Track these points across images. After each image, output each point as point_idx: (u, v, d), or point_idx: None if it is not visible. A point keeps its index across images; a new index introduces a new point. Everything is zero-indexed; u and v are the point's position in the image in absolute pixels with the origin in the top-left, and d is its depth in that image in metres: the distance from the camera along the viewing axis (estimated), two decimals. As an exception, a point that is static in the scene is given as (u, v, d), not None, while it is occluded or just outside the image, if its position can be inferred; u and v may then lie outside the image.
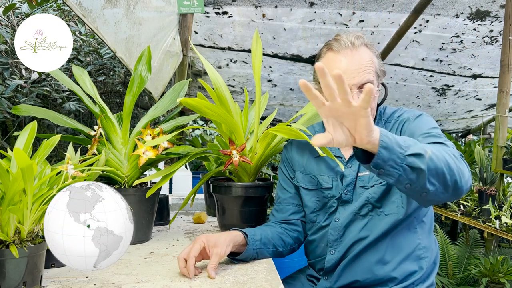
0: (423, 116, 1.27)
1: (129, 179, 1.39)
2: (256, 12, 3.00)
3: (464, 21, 3.11)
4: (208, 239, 1.12)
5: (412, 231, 1.27)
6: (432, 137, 1.15)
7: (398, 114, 1.32)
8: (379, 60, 1.29)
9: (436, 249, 1.35)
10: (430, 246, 1.30)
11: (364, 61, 1.23)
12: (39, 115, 1.31)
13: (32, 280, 0.93)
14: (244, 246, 1.20)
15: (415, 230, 1.28)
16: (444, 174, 0.95)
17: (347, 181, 1.29)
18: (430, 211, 1.34)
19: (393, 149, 0.90)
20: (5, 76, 2.16)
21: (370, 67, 1.24)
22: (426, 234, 1.30)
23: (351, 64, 1.21)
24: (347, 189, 1.29)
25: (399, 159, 0.90)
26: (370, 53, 1.26)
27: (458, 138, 6.09)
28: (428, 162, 0.92)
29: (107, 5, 1.73)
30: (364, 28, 3.19)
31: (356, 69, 1.21)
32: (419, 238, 1.28)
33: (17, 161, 0.83)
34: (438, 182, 0.95)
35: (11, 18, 2.45)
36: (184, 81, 1.58)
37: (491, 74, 3.92)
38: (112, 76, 3.15)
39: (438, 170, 0.94)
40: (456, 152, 1.05)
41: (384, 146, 0.89)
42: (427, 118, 1.27)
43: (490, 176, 2.81)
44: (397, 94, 4.38)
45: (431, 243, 1.32)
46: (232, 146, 1.36)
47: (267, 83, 3.98)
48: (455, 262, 3.26)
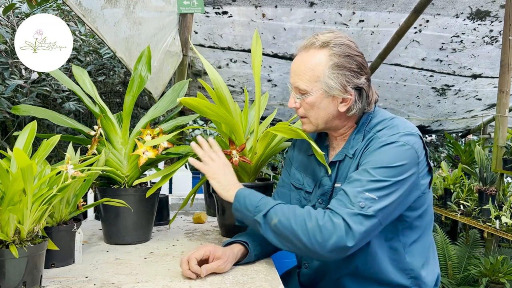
0: (390, 148, 1.11)
1: (129, 179, 1.39)
2: (256, 12, 3.00)
3: (464, 21, 3.11)
4: (215, 250, 1.12)
5: (388, 245, 1.19)
6: (366, 181, 1.07)
7: (378, 128, 1.19)
8: (338, 70, 1.15)
9: (428, 267, 1.24)
10: (412, 263, 1.20)
11: (303, 66, 1.17)
12: (39, 115, 1.31)
13: (32, 280, 0.92)
14: (245, 255, 1.21)
15: (391, 245, 1.19)
16: (289, 240, 1.09)
17: (323, 190, 1.26)
18: (415, 228, 1.22)
19: (242, 212, 1.16)
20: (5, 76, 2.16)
21: (305, 74, 1.17)
22: (407, 250, 1.20)
23: (294, 65, 1.21)
24: (322, 198, 1.25)
25: (249, 219, 1.15)
26: (321, 60, 1.15)
27: (458, 138, 6.09)
28: (272, 228, 1.11)
29: (107, 5, 1.72)
30: (364, 28, 3.19)
31: (294, 70, 1.20)
32: (397, 251, 1.20)
33: (17, 161, 0.83)
34: (284, 244, 1.11)
35: (11, 18, 2.45)
36: (184, 81, 1.58)
37: (491, 74, 3.92)
38: (112, 76, 3.15)
39: (282, 236, 1.10)
40: (337, 215, 1.05)
41: (235, 209, 1.18)
42: (393, 151, 1.11)
43: (490, 176, 2.81)
44: (397, 94, 4.38)
45: (415, 260, 1.21)
46: (232, 146, 1.36)
47: (267, 83, 3.98)
48: (455, 262, 3.26)
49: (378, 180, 1.07)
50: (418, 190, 1.15)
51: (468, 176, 3.69)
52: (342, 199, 1.09)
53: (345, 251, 1.05)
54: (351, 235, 1.04)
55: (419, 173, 1.13)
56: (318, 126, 1.23)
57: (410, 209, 1.18)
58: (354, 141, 1.22)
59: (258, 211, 1.13)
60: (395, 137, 1.12)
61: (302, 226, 1.06)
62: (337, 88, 1.16)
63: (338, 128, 1.25)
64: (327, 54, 1.16)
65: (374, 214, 1.05)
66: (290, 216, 1.09)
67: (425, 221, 1.24)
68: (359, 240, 1.05)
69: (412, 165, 1.11)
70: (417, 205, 1.19)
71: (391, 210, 1.09)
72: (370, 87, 1.22)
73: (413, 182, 1.11)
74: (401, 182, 1.09)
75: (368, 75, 1.20)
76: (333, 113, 1.20)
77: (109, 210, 1.33)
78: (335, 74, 1.15)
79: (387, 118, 1.22)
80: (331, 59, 1.15)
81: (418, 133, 1.16)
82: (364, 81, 1.18)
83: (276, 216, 1.10)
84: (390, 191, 1.07)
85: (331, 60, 1.15)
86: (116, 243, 1.35)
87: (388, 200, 1.07)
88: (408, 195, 1.12)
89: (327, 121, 1.21)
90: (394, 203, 1.08)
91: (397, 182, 1.08)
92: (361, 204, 1.05)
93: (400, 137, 1.12)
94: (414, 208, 1.19)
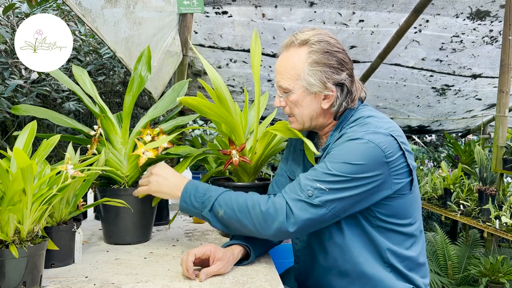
0: (352, 144, 1.11)
1: (129, 179, 1.39)
2: (256, 12, 3.00)
3: (464, 21, 3.11)
4: (216, 251, 1.12)
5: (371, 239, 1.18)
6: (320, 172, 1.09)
7: (354, 124, 1.19)
8: (317, 66, 1.16)
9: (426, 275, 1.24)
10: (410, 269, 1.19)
11: (285, 65, 1.20)
12: (38, 115, 1.31)
13: (32, 280, 0.93)
14: (245, 256, 1.21)
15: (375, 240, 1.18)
16: (237, 228, 1.16)
17: None
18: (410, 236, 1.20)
19: (190, 211, 1.20)
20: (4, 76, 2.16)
21: (287, 73, 1.19)
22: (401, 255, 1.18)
23: (277, 64, 1.23)
24: None
25: (198, 216, 1.20)
26: (300, 57, 1.17)
27: (458, 138, 6.09)
28: (220, 220, 1.16)
29: (107, 5, 1.72)
30: (364, 28, 3.19)
31: (277, 69, 1.23)
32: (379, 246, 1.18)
33: (17, 161, 0.83)
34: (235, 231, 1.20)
35: (11, 18, 2.45)
36: (184, 81, 1.58)
37: (491, 74, 3.92)
38: (112, 76, 3.15)
39: (231, 225, 1.16)
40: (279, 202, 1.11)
41: (182, 210, 1.21)
42: (354, 147, 1.10)
43: (490, 176, 2.81)
44: (397, 94, 4.38)
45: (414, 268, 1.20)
46: (232, 146, 1.36)
47: (267, 83, 3.98)
48: (455, 262, 3.26)
49: (333, 174, 1.09)
50: (388, 190, 1.12)
51: (468, 176, 3.69)
52: (295, 185, 1.13)
53: (288, 235, 1.11)
54: (293, 221, 1.08)
55: (390, 173, 1.11)
56: (305, 124, 1.24)
57: (397, 217, 1.17)
58: (331, 138, 1.23)
59: (203, 207, 1.18)
60: (361, 134, 1.11)
61: (245, 214, 1.12)
62: (317, 85, 1.17)
63: (324, 126, 1.27)
64: (306, 51, 1.17)
65: (321, 204, 1.07)
66: (233, 205, 1.14)
67: (416, 226, 1.23)
68: (301, 227, 1.09)
69: (375, 165, 1.08)
70: (404, 212, 1.18)
71: (347, 204, 1.10)
72: (353, 82, 1.22)
73: (378, 181, 1.10)
74: (359, 180, 1.08)
75: (350, 70, 1.21)
76: (317, 110, 1.22)
77: (109, 210, 1.33)
78: (313, 70, 1.16)
79: (363, 116, 1.20)
80: (310, 57, 1.16)
81: (391, 133, 1.12)
82: (345, 77, 1.19)
83: (221, 208, 1.15)
84: (344, 185, 1.08)
85: (310, 57, 1.16)
86: (116, 243, 1.35)
87: (341, 194, 1.08)
88: (373, 193, 1.11)
89: (312, 118, 1.23)
90: (349, 198, 1.09)
91: (354, 179, 1.08)
92: (309, 192, 1.09)
93: (366, 135, 1.10)
94: (403, 216, 1.18)
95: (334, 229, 1.18)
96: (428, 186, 3.63)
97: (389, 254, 1.17)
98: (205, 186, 1.21)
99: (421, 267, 1.23)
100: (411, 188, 1.17)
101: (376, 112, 1.24)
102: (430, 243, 3.48)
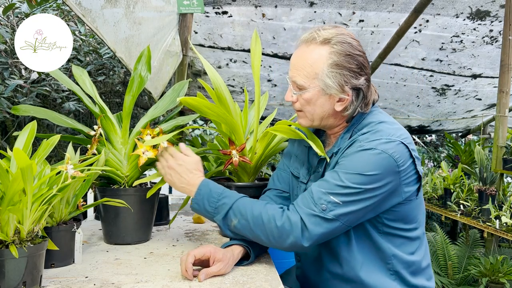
0: (366, 154, 1.08)
1: (129, 179, 1.39)
2: (256, 12, 3.00)
3: (464, 21, 3.11)
4: (216, 251, 1.11)
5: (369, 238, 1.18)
6: (333, 184, 1.08)
7: (364, 131, 1.16)
8: (337, 69, 1.12)
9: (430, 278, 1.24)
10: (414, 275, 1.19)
11: (303, 61, 1.15)
12: (38, 115, 1.31)
13: (31, 280, 0.93)
14: (245, 257, 1.20)
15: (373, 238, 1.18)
16: (248, 237, 1.17)
17: (303, 188, 1.27)
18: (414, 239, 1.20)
19: (202, 213, 1.21)
20: (4, 76, 2.16)
21: (304, 70, 1.15)
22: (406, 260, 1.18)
23: (294, 58, 1.19)
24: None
25: (209, 219, 1.21)
26: (321, 57, 1.13)
27: (458, 138, 6.09)
28: (231, 229, 1.17)
29: (106, 5, 1.72)
30: (364, 28, 3.19)
31: (293, 64, 1.19)
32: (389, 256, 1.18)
33: (17, 161, 0.83)
34: (244, 237, 1.18)
35: (11, 18, 2.45)
36: (184, 81, 1.58)
37: (491, 74, 3.92)
38: (112, 76, 3.15)
39: (241, 234, 1.17)
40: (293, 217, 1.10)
41: (194, 209, 1.22)
42: (368, 158, 1.08)
43: (490, 176, 2.81)
44: (397, 94, 4.38)
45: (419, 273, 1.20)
46: (232, 146, 1.36)
47: (267, 83, 3.98)
48: (455, 262, 3.26)
49: (346, 186, 1.07)
50: (398, 197, 1.12)
51: (468, 176, 3.69)
52: (307, 197, 1.11)
53: (302, 249, 1.11)
54: (307, 236, 1.08)
55: (401, 181, 1.10)
56: (314, 122, 1.22)
57: (403, 222, 1.17)
58: (341, 140, 1.21)
59: (216, 213, 1.18)
60: (374, 144, 1.09)
61: (260, 227, 1.12)
62: (334, 87, 1.14)
63: (333, 126, 1.25)
64: (327, 51, 1.13)
65: (335, 218, 1.07)
66: (248, 217, 1.14)
67: (421, 230, 1.23)
68: (315, 241, 1.09)
69: (388, 174, 1.08)
70: (410, 217, 1.18)
71: (360, 215, 1.10)
72: (369, 87, 1.19)
73: (390, 190, 1.09)
74: (373, 191, 1.07)
75: (368, 75, 1.18)
76: (329, 111, 1.19)
77: (109, 210, 1.33)
78: (333, 73, 1.12)
79: (375, 122, 1.17)
80: (331, 57, 1.12)
81: (403, 141, 1.11)
82: (363, 82, 1.15)
83: (235, 218, 1.15)
84: (358, 198, 1.07)
85: (331, 58, 1.12)
86: (116, 243, 1.35)
87: (355, 206, 1.07)
88: (384, 201, 1.11)
89: (323, 118, 1.21)
90: (363, 209, 1.08)
91: (368, 190, 1.07)
92: (323, 206, 1.07)
93: (379, 145, 1.08)
94: (409, 221, 1.18)
95: (341, 236, 1.16)
96: (428, 186, 3.63)
97: (394, 260, 1.16)
98: (218, 189, 1.20)
99: (425, 270, 1.23)
100: (417, 194, 1.18)
101: (387, 117, 1.22)
102: (430, 243, 3.48)
